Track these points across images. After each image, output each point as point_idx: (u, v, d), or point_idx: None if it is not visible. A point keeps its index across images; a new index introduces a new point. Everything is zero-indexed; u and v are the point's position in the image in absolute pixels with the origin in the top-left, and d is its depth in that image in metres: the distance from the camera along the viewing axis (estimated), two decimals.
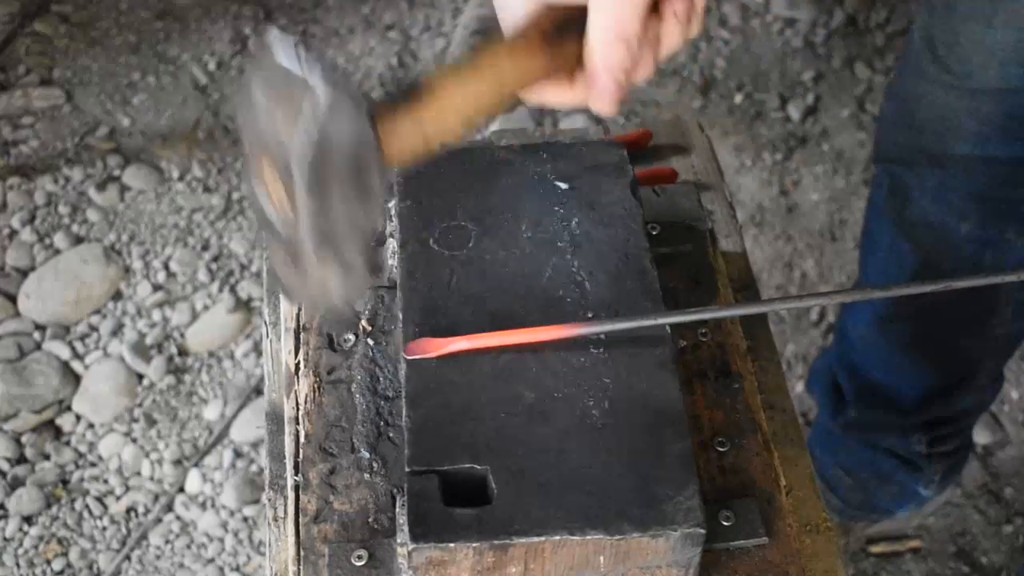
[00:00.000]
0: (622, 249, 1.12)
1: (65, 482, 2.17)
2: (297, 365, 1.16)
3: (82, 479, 2.17)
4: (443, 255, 1.12)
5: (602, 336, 1.06)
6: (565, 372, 1.04)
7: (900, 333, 1.84)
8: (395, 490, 1.05)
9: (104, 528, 2.12)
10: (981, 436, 2.28)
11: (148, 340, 2.33)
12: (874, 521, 2.14)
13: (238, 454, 2.20)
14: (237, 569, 2.08)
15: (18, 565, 2.07)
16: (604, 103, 0.96)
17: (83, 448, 2.21)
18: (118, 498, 2.16)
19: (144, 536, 2.11)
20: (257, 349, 2.32)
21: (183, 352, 2.33)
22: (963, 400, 1.93)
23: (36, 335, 2.33)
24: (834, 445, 2.04)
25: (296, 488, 1.07)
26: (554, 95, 0.98)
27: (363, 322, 1.17)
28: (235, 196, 2.56)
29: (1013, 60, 1.48)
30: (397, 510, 1.02)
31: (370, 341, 1.15)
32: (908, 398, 1.91)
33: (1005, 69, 1.49)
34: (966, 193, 1.64)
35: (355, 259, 0.93)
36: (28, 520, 2.12)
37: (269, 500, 1.13)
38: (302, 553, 1.04)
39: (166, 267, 2.44)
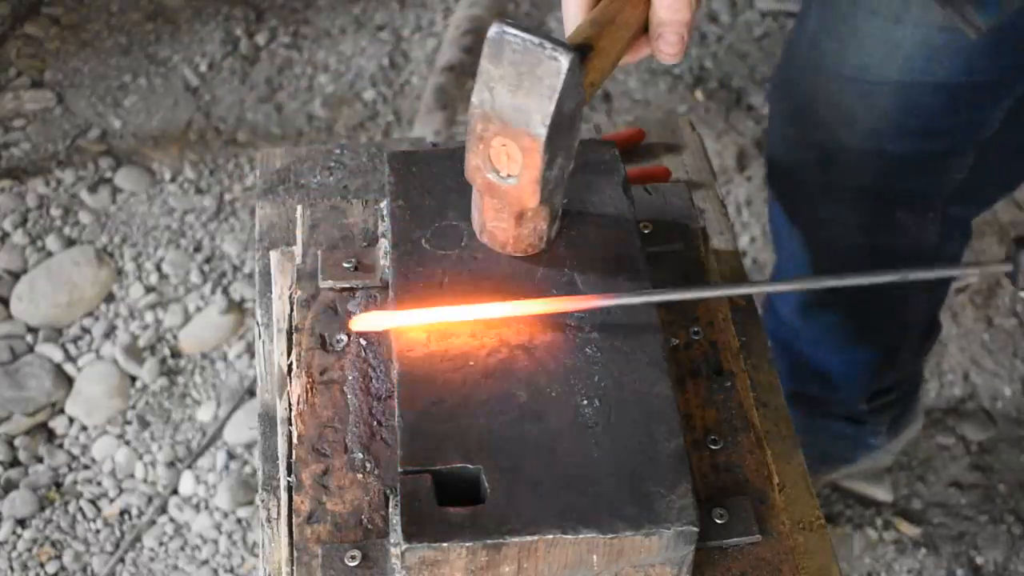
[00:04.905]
0: (614, 247, 1.12)
1: (58, 485, 2.17)
2: (290, 366, 1.15)
3: (75, 482, 2.17)
4: (435, 254, 1.12)
5: (595, 335, 1.06)
6: (557, 371, 1.04)
7: (823, 319, 1.88)
8: (388, 490, 1.05)
9: (98, 531, 2.12)
10: (974, 432, 2.28)
11: (141, 342, 2.33)
12: (836, 468, 2.18)
13: (231, 455, 2.19)
14: (231, 571, 2.08)
15: (12, 568, 2.07)
16: (673, 53, 1.09)
17: (76, 451, 2.21)
18: (111, 500, 2.15)
19: (138, 538, 2.11)
20: (250, 350, 2.32)
21: (176, 354, 2.33)
22: (893, 374, 2.01)
23: (29, 338, 2.33)
24: None
25: (289, 489, 1.07)
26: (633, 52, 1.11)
27: None
28: (227, 197, 2.56)
29: (919, 55, 1.49)
30: (390, 510, 1.02)
31: (362, 341, 1.15)
32: (840, 374, 1.96)
33: (909, 63, 1.50)
34: (856, 187, 1.65)
35: (559, 207, 1.10)
36: (22, 523, 2.12)
37: (262, 501, 1.13)
38: (295, 554, 1.04)
39: (158, 269, 2.44)
